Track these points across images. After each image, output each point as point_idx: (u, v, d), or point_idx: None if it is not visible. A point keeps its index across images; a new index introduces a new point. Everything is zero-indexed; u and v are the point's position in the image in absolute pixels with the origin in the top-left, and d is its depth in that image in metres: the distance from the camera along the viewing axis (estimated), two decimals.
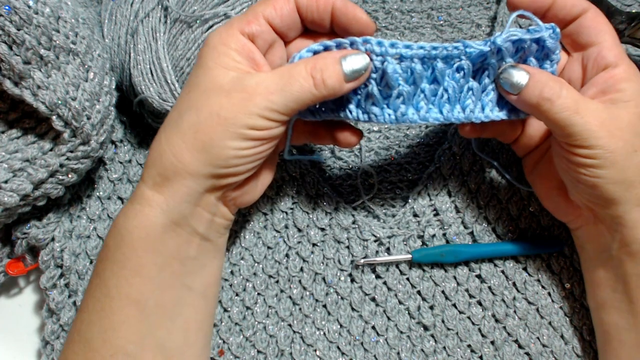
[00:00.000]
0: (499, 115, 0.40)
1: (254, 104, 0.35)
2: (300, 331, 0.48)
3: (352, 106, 0.40)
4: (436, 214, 0.49)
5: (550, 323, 0.48)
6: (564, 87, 0.37)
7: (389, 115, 0.39)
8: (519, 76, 0.38)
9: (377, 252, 0.49)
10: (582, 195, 0.40)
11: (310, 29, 0.40)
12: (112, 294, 0.37)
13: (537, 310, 0.48)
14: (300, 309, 0.48)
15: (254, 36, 0.37)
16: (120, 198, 0.50)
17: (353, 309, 0.48)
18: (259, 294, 0.49)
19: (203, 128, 0.35)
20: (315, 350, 0.48)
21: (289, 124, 0.42)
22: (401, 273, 0.49)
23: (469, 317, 0.48)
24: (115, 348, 0.36)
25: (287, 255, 0.49)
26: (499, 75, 0.39)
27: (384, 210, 0.51)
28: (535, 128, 0.44)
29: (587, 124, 0.36)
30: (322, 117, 0.41)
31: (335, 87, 0.36)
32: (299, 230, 0.49)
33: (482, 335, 0.48)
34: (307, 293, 0.48)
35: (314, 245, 0.49)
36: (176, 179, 0.36)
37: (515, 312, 0.48)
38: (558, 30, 0.38)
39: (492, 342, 0.47)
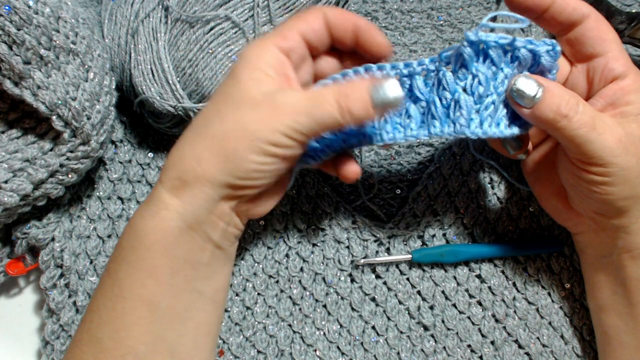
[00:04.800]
0: (495, 132, 0.37)
1: (280, 121, 0.35)
2: (300, 331, 0.48)
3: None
4: (436, 214, 0.49)
5: (550, 323, 0.48)
6: (580, 101, 0.35)
7: (377, 135, 0.39)
8: (531, 88, 0.35)
9: (377, 252, 0.49)
10: (587, 207, 0.40)
11: (334, 47, 0.41)
12: (125, 294, 0.37)
13: (537, 310, 0.48)
14: (300, 309, 0.48)
15: (289, 51, 0.37)
16: (120, 198, 0.51)
17: (353, 309, 0.48)
18: (259, 294, 0.49)
19: (228, 138, 0.35)
20: (315, 350, 0.48)
21: (293, 173, 0.43)
22: (401, 273, 0.49)
23: (469, 317, 0.48)
24: (126, 349, 0.36)
25: (287, 255, 0.49)
26: (509, 88, 0.36)
27: (383, 210, 0.51)
28: (533, 131, 0.44)
29: (604, 141, 0.35)
30: (322, 159, 0.42)
31: (361, 115, 0.35)
32: (299, 230, 0.49)
33: (482, 335, 0.48)
34: (307, 293, 0.48)
35: (314, 245, 0.49)
36: (195, 184, 0.36)
37: (515, 312, 0.48)
38: (559, 49, 0.36)
39: (492, 342, 0.47)
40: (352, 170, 0.41)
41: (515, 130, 0.38)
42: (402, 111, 0.39)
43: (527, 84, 0.35)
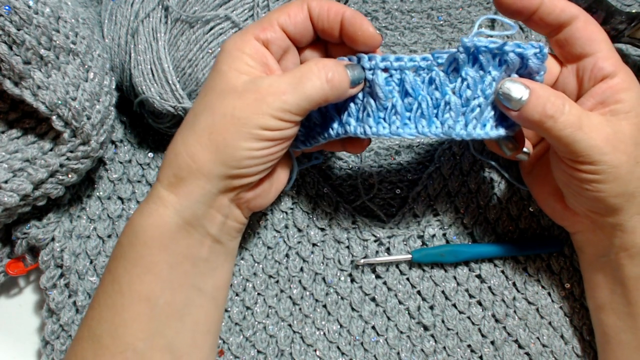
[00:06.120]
0: (481, 134, 0.38)
1: (267, 104, 0.35)
2: (300, 331, 0.48)
3: (334, 124, 0.41)
4: (436, 214, 0.49)
5: (550, 323, 0.48)
6: (566, 102, 0.36)
7: (361, 127, 0.39)
8: (518, 91, 0.36)
9: (377, 252, 0.49)
10: (581, 205, 0.40)
11: (321, 38, 0.41)
12: (124, 290, 0.37)
13: (537, 310, 0.48)
14: (300, 309, 0.48)
15: (268, 42, 0.38)
16: (120, 198, 0.50)
17: (353, 309, 0.48)
18: (259, 294, 0.49)
19: (217, 129, 0.36)
20: (315, 350, 0.48)
21: (292, 159, 0.44)
22: (401, 273, 0.49)
23: (469, 317, 0.48)
24: (125, 345, 0.37)
25: (287, 255, 0.49)
26: (497, 91, 0.37)
27: (383, 210, 0.51)
28: (530, 132, 0.44)
29: (591, 140, 0.35)
30: (312, 144, 0.43)
31: (343, 87, 0.37)
32: (299, 230, 0.49)
33: (482, 335, 0.48)
34: (307, 293, 0.48)
35: (314, 245, 0.49)
36: (190, 179, 0.37)
37: (515, 312, 0.48)
38: (546, 51, 0.37)
39: (492, 342, 0.47)
40: (360, 141, 0.43)
41: (501, 132, 0.38)
42: (388, 105, 0.39)
43: (514, 87, 0.36)
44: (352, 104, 0.40)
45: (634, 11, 0.49)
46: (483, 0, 0.56)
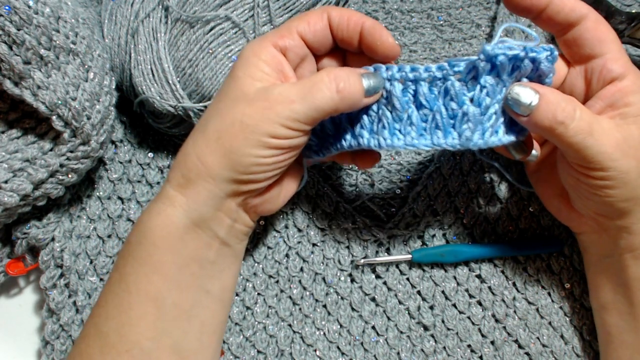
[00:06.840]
0: (495, 141, 0.37)
1: (276, 113, 0.35)
2: (300, 331, 0.48)
3: (347, 135, 0.40)
4: (436, 214, 0.49)
5: (550, 323, 0.48)
6: (577, 107, 0.35)
7: (375, 139, 0.38)
8: (527, 96, 0.35)
9: (377, 252, 0.49)
10: (588, 208, 0.40)
11: (339, 47, 0.41)
12: (131, 289, 0.37)
13: (537, 310, 0.48)
14: (300, 309, 0.48)
15: (286, 49, 0.38)
16: (120, 198, 0.51)
17: (353, 309, 0.48)
18: (259, 294, 0.49)
19: (225, 134, 0.36)
20: (315, 350, 0.48)
21: (304, 167, 0.44)
22: (401, 273, 0.49)
23: (469, 317, 0.48)
24: (132, 344, 0.37)
25: (287, 255, 0.49)
26: (506, 96, 0.36)
27: (383, 210, 0.51)
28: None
29: (602, 146, 0.35)
30: (324, 154, 0.42)
31: (355, 98, 0.36)
32: (299, 230, 0.49)
33: (482, 335, 0.48)
34: (307, 293, 0.48)
35: (314, 245, 0.49)
36: (198, 181, 0.37)
37: (515, 312, 0.48)
38: (556, 53, 0.36)
39: (492, 342, 0.48)
40: (370, 156, 0.42)
41: (512, 138, 0.37)
42: (404, 116, 0.38)
43: (523, 92, 0.35)
44: (365, 116, 0.39)
45: (634, 11, 0.49)
46: (483, 0, 0.56)
